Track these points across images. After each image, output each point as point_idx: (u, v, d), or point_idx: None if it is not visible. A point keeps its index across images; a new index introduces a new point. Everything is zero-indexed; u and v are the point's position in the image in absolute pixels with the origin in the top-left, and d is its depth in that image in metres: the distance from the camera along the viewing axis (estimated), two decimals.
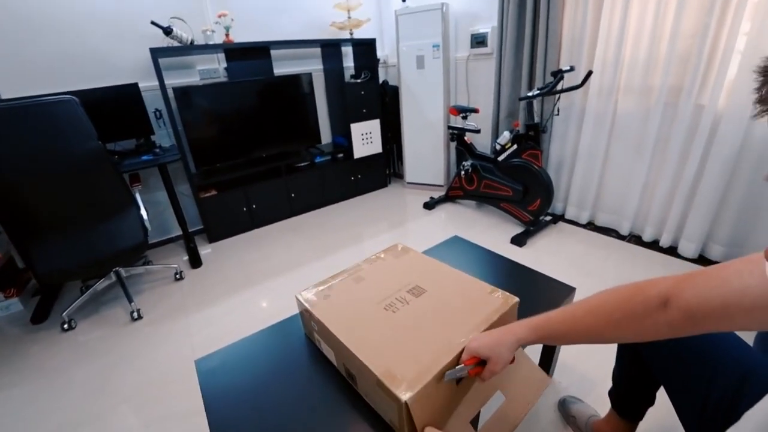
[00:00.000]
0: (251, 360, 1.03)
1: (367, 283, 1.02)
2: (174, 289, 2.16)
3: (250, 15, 2.68)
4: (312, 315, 0.93)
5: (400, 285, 0.98)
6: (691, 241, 1.97)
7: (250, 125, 2.70)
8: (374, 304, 0.92)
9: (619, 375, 1.02)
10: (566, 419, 1.21)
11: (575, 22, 2.20)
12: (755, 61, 1.41)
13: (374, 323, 0.85)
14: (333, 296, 0.98)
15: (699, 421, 0.72)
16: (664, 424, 1.13)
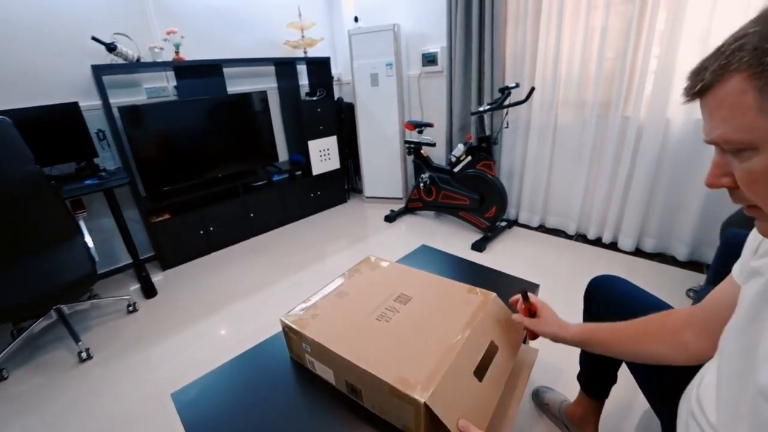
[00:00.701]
0: (234, 387, 0.98)
1: (352, 297, 1.02)
2: (128, 322, 2.00)
3: (202, 33, 2.62)
4: (304, 336, 0.91)
5: (386, 295, 1.00)
6: (628, 236, 2.21)
7: (203, 145, 2.61)
8: (366, 316, 0.93)
9: (586, 358, 1.12)
10: (540, 408, 1.29)
11: (516, 42, 2.42)
12: (666, 78, 1.65)
13: (371, 334, 0.86)
14: (321, 315, 0.96)
15: (658, 386, 0.83)
16: (625, 400, 1.25)
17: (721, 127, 0.39)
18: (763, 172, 0.37)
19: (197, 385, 1.00)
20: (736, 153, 0.39)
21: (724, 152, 0.42)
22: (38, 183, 1.52)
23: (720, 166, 0.43)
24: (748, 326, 0.51)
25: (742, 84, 0.36)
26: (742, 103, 0.36)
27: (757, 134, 0.36)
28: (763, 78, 0.34)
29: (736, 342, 0.53)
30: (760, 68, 0.34)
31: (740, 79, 0.36)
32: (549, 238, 2.55)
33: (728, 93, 0.37)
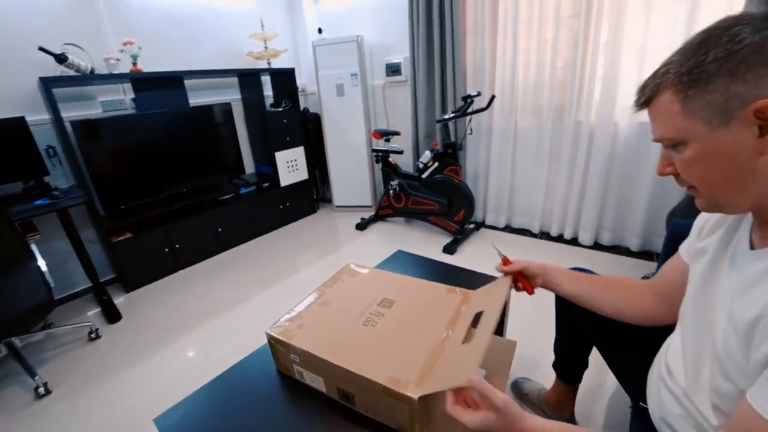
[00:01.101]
0: (221, 406, 0.95)
1: (336, 305, 1.03)
2: (90, 351, 1.87)
3: (161, 44, 2.54)
4: (291, 347, 0.90)
5: (369, 300, 1.02)
6: (587, 231, 2.37)
7: (165, 159, 2.51)
8: (352, 322, 0.94)
9: (559, 346, 1.20)
10: (520, 398, 1.36)
11: (476, 53, 2.54)
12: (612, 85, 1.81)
13: (359, 340, 0.88)
14: (307, 324, 0.96)
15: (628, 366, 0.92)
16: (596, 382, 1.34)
17: (660, 128, 0.52)
18: (692, 159, 0.49)
19: (181, 407, 0.96)
20: (674, 147, 0.51)
21: (666, 147, 0.54)
22: None
23: (665, 158, 0.55)
24: (700, 298, 0.63)
25: (670, 96, 0.49)
26: (671, 110, 0.49)
27: (683, 132, 0.49)
28: (683, 92, 0.47)
29: (692, 312, 0.64)
30: (681, 85, 0.47)
31: (669, 93, 0.49)
32: (515, 237, 2.67)
33: (662, 103, 0.50)
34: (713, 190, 0.50)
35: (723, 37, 0.44)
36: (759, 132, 0.44)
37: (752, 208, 0.51)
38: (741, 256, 0.55)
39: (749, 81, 0.43)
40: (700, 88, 0.45)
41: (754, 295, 0.49)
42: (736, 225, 0.59)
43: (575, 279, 0.89)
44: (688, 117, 0.47)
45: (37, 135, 2.03)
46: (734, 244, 0.58)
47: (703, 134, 0.47)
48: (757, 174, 0.46)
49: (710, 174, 0.49)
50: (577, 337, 1.12)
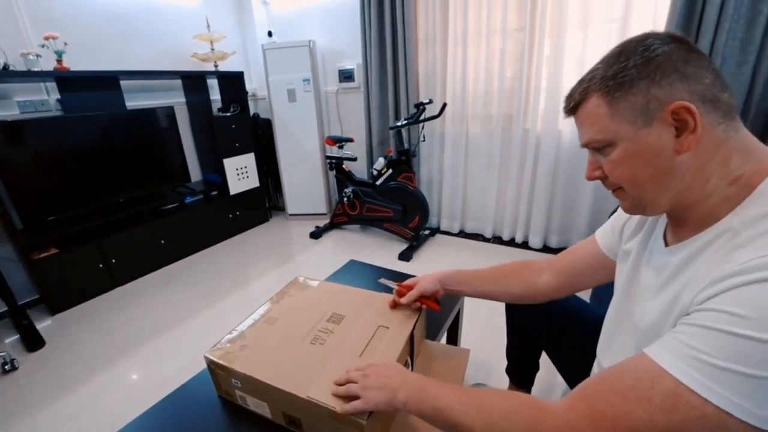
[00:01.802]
0: None
1: (282, 322, 0.97)
2: (4, 385, 1.64)
3: (92, 40, 2.33)
4: (233, 371, 0.83)
5: (318, 316, 0.97)
6: (537, 234, 2.47)
7: (99, 167, 2.30)
8: (299, 341, 0.89)
9: (511, 351, 1.22)
10: None
11: (428, 61, 2.58)
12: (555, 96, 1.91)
13: (306, 360, 0.82)
14: (250, 345, 0.89)
15: (573, 365, 0.95)
16: (547, 384, 1.38)
17: (589, 132, 0.54)
18: (620, 159, 0.52)
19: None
20: (602, 150, 0.54)
21: (594, 152, 0.56)
22: None
23: (593, 163, 0.57)
24: (623, 300, 0.67)
25: (598, 100, 0.51)
26: (599, 113, 0.51)
27: (611, 133, 0.51)
28: (609, 95, 0.50)
29: (617, 313, 0.69)
30: (607, 89, 0.50)
31: (596, 97, 0.51)
32: (469, 242, 2.73)
33: (590, 107, 0.52)
34: (639, 189, 0.52)
35: (639, 47, 0.48)
36: (676, 132, 0.47)
37: (671, 206, 0.53)
38: (657, 253, 0.59)
39: (664, 85, 0.47)
40: (624, 91, 0.49)
41: (672, 285, 0.52)
42: (652, 227, 0.64)
43: (473, 279, 0.92)
44: (614, 118, 0.50)
45: None
46: (651, 244, 0.62)
47: (629, 134, 0.50)
48: (675, 172, 0.49)
49: (637, 173, 0.51)
50: (527, 341, 1.15)
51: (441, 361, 1.01)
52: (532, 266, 0.90)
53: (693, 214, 0.52)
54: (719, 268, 0.44)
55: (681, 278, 0.51)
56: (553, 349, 1.02)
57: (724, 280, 0.42)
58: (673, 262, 0.54)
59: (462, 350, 1.10)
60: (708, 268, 0.46)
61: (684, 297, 0.48)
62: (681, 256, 0.53)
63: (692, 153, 0.48)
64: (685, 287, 0.49)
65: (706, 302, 0.43)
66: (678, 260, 0.53)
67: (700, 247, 0.50)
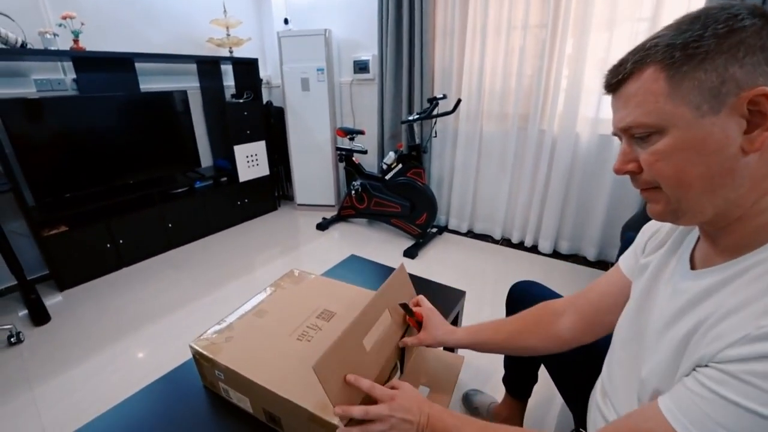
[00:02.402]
0: (142, 423, 0.86)
1: (272, 315, 0.95)
2: (9, 356, 1.68)
3: (108, 21, 2.34)
4: (216, 363, 0.82)
5: (308, 312, 0.95)
6: (547, 239, 2.39)
7: (111, 148, 2.32)
8: (285, 336, 0.87)
9: (509, 361, 1.17)
10: (470, 411, 1.32)
11: (444, 56, 2.52)
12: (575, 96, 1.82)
13: (290, 357, 0.80)
14: (236, 337, 0.88)
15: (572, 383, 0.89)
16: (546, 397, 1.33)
17: (635, 112, 0.44)
18: (668, 150, 0.42)
19: (101, 421, 0.86)
20: (644, 138, 0.44)
21: (632, 140, 0.46)
22: None
23: (626, 154, 0.47)
24: (636, 317, 0.59)
25: (655, 73, 0.41)
26: (654, 89, 0.42)
27: (664, 117, 0.42)
28: (673, 68, 0.40)
29: (626, 332, 0.61)
30: (671, 60, 0.40)
31: (654, 69, 0.42)
32: (477, 243, 2.67)
33: (644, 81, 0.42)
34: (682, 191, 0.43)
35: (722, 14, 0.39)
36: (747, 127, 0.39)
37: (713, 217, 0.45)
38: (680, 275, 0.52)
39: (747, 65, 0.38)
40: (693, 66, 0.39)
41: (691, 316, 0.46)
42: (678, 242, 0.56)
43: (491, 339, 0.82)
44: (673, 99, 0.41)
45: None
46: (674, 263, 0.55)
47: (688, 121, 0.40)
48: (734, 176, 0.41)
49: (685, 170, 0.42)
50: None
51: (433, 367, 0.98)
52: (548, 310, 0.79)
53: (734, 232, 0.44)
54: (755, 320, 0.36)
55: (701, 309, 0.44)
56: (553, 364, 0.96)
57: (762, 341, 0.35)
58: (695, 288, 0.47)
59: (456, 357, 1.07)
60: (737, 302, 0.40)
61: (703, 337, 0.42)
62: (707, 282, 0.45)
63: (759, 156, 0.40)
64: (705, 322, 0.42)
65: (736, 364, 0.36)
66: (702, 288, 0.46)
67: (732, 276, 0.43)
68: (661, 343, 0.49)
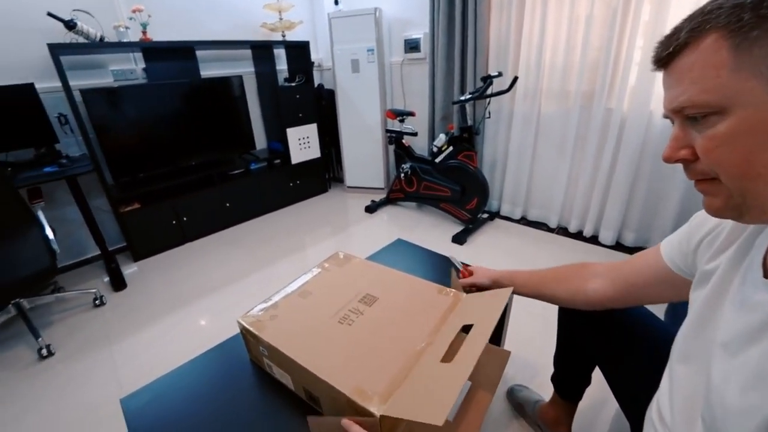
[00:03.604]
0: (188, 393, 0.92)
1: (315, 297, 0.97)
2: (93, 316, 1.91)
3: (171, 12, 2.47)
4: (260, 340, 0.85)
5: (351, 295, 0.95)
6: (609, 229, 2.20)
7: (176, 131, 2.49)
8: (327, 318, 0.88)
9: (559, 360, 1.09)
10: (515, 407, 1.27)
11: (500, 30, 2.35)
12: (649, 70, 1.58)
13: (331, 339, 0.81)
14: (280, 316, 0.91)
15: (630, 390, 0.81)
16: (599, 400, 1.23)
17: (690, 89, 0.37)
18: (729, 135, 0.36)
19: (150, 389, 0.94)
20: (701, 119, 0.38)
21: (685, 123, 0.40)
22: None
23: (679, 139, 0.42)
24: (698, 331, 0.52)
25: (717, 42, 0.35)
26: (715, 61, 0.35)
27: (727, 95, 0.35)
28: (741, 34, 0.33)
29: (687, 347, 0.54)
30: (738, 24, 0.33)
31: (716, 37, 0.35)
32: (530, 230, 2.53)
33: (702, 52, 0.36)
34: (748, 182, 0.37)
35: None
36: None
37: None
38: (752, 285, 0.44)
39: None
40: (766, 29, 0.32)
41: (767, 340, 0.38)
42: (748, 245, 0.47)
43: (528, 280, 0.89)
44: (740, 72, 0.34)
45: (48, 102, 2.04)
46: (744, 269, 0.46)
47: (759, 98, 0.34)
48: None
49: (754, 156, 0.35)
50: (580, 352, 1.01)
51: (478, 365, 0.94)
52: (585, 270, 0.80)
53: None
54: None
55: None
56: (609, 367, 0.87)
57: None
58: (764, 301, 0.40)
59: (501, 351, 1.02)
60: None
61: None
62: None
63: None
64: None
65: None
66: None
67: None
68: (736, 365, 0.42)
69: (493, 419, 1.25)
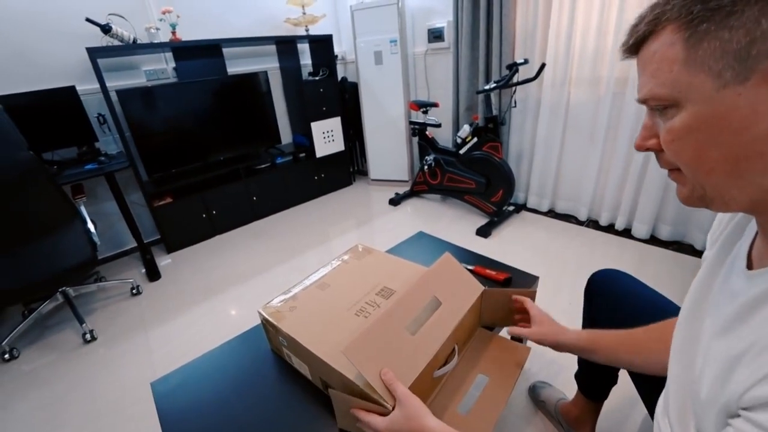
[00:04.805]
0: (213, 379, 0.97)
1: (333, 289, 0.98)
2: (131, 305, 2.03)
3: (198, 12, 2.55)
4: (279, 330, 0.88)
5: (368, 288, 0.96)
6: (643, 222, 2.09)
7: (204, 128, 2.58)
8: (344, 311, 0.89)
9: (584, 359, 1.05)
10: (536, 404, 1.25)
11: (527, 15, 2.26)
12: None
13: (347, 332, 0.82)
14: (299, 307, 0.93)
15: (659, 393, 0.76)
16: (626, 400, 1.19)
17: (650, 82, 0.37)
18: (682, 129, 0.36)
19: (178, 374, 0.99)
20: (662, 111, 0.38)
21: (653, 112, 0.40)
22: (31, 169, 1.51)
23: (648, 128, 0.41)
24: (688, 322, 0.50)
25: (672, 34, 0.34)
26: (670, 55, 0.35)
27: (680, 89, 0.35)
28: (691, 28, 0.33)
29: (678, 339, 0.52)
30: (689, 17, 0.33)
31: (671, 30, 0.34)
32: (558, 223, 2.45)
33: (659, 45, 0.36)
34: (703, 176, 0.37)
35: None
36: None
37: (749, 206, 0.37)
38: (735, 275, 0.43)
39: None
40: (716, 23, 0.31)
41: (744, 329, 0.38)
42: (737, 233, 0.47)
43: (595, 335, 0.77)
44: (691, 66, 0.33)
45: (88, 103, 2.16)
46: (731, 259, 0.45)
47: (708, 92, 0.33)
48: (766, 159, 0.32)
49: (704, 152, 0.35)
50: None
51: (495, 355, 0.92)
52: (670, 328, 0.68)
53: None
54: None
55: (753, 324, 0.37)
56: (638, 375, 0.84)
57: None
58: (748, 292, 0.39)
59: (522, 347, 0.99)
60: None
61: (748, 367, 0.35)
62: (760, 289, 0.37)
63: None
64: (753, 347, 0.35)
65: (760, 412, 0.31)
66: (754, 293, 0.38)
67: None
68: (710, 356, 0.41)
69: (515, 416, 1.23)
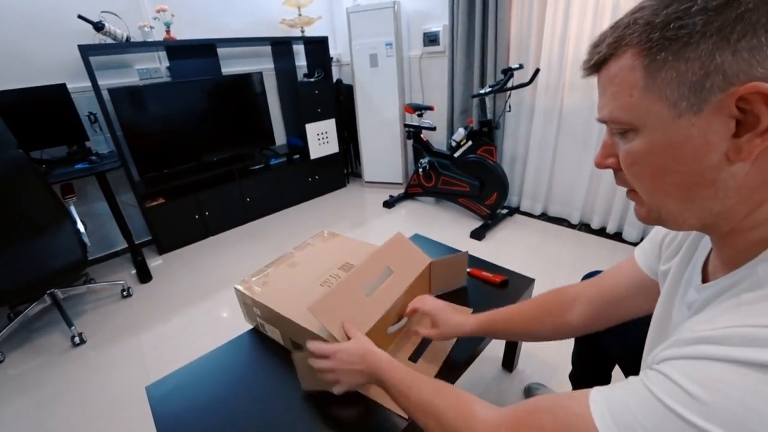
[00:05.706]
0: (209, 382, 0.95)
1: (301, 266, 1.09)
2: (121, 307, 1.99)
3: (193, 11, 2.53)
4: (254, 300, 0.97)
5: (332, 264, 1.08)
6: (634, 226, 2.13)
7: (198, 128, 2.55)
8: (310, 282, 1.00)
9: (578, 358, 1.07)
10: None
11: (522, 22, 2.29)
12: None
13: (313, 299, 0.87)
14: (271, 282, 1.04)
15: None
16: None
17: (610, 104, 0.37)
18: (640, 153, 0.36)
19: (173, 377, 0.98)
20: (622, 133, 0.38)
21: (613, 132, 0.40)
22: (20, 168, 1.48)
23: (608, 146, 0.41)
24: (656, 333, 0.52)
25: (632, 60, 0.34)
26: (629, 80, 0.35)
27: (638, 115, 0.35)
28: (650, 55, 0.33)
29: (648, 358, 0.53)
30: (648, 44, 0.33)
31: (631, 55, 0.34)
32: (551, 226, 2.47)
33: (620, 69, 0.35)
34: (658, 199, 0.38)
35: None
36: (735, 130, 0.31)
37: (701, 228, 0.39)
38: (692, 289, 0.45)
39: (741, 51, 0.29)
40: (673, 51, 0.31)
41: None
42: (693, 249, 0.48)
43: (507, 324, 0.81)
44: (649, 93, 0.34)
45: (79, 101, 2.12)
46: (688, 273, 0.48)
47: (664, 120, 0.34)
48: (716, 187, 0.34)
49: (660, 177, 0.36)
50: (599, 350, 0.98)
51: None
52: (562, 297, 0.75)
53: (729, 245, 0.39)
54: (699, 326, 0.34)
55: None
56: (628, 367, 0.86)
57: (690, 345, 0.33)
58: (695, 304, 0.42)
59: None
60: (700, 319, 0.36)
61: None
62: (703, 297, 0.41)
63: (750, 165, 0.32)
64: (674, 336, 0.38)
65: (663, 363, 0.34)
66: (697, 306, 0.41)
67: (716, 293, 0.38)
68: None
69: None
